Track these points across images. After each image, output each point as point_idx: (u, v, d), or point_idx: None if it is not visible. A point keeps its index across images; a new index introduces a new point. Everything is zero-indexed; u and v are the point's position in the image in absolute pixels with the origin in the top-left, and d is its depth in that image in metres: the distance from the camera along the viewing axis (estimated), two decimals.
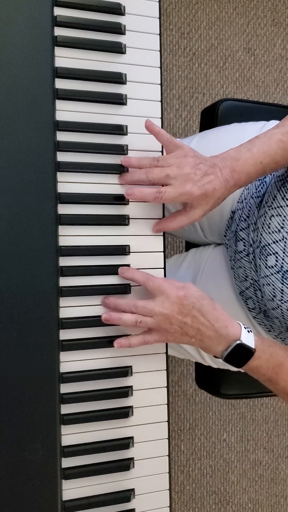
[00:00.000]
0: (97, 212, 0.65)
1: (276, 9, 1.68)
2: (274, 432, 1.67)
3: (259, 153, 0.65)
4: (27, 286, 0.60)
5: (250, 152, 0.65)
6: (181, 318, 0.63)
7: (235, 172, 0.65)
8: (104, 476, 0.64)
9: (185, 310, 0.63)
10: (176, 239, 1.58)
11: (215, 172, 0.64)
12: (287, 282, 0.69)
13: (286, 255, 0.69)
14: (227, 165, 0.65)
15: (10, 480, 0.59)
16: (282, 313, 0.72)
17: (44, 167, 0.61)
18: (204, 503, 1.60)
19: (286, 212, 0.69)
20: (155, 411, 0.67)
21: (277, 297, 0.71)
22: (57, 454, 0.61)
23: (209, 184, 0.64)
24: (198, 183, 0.63)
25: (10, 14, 0.60)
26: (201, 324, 0.63)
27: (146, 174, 0.63)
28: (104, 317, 0.63)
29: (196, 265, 0.92)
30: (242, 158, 0.65)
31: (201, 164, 0.64)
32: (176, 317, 0.63)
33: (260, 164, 0.66)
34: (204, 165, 0.64)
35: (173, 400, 1.57)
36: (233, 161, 0.65)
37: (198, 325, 0.63)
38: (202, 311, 0.63)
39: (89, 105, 0.64)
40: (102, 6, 0.65)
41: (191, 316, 0.63)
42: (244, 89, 1.66)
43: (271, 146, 0.66)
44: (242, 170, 0.65)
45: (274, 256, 0.70)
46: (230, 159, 0.65)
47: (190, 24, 1.60)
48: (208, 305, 0.64)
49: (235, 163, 0.65)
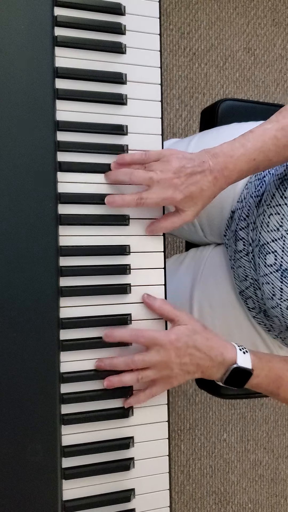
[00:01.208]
0: (97, 212, 0.65)
1: (276, 9, 1.68)
2: (274, 432, 1.67)
3: (253, 149, 0.64)
4: (27, 286, 0.60)
5: (244, 148, 0.64)
6: (179, 361, 0.63)
7: (227, 169, 0.64)
8: (104, 476, 0.64)
9: (181, 352, 0.63)
10: (176, 239, 1.58)
11: (203, 171, 0.63)
12: (286, 281, 0.69)
13: (285, 254, 0.69)
14: (219, 161, 0.63)
15: (10, 480, 0.59)
16: (282, 312, 0.72)
17: (44, 167, 0.61)
18: (204, 503, 1.60)
19: (284, 211, 0.69)
20: (155, 411, 0.67)
21: (276, 296, 0.71)
22: (57, 454, 0.61)
23: (195, 185, 0.63)
24: (180, 187, 0.62)
25: (10, 14, 0.60)
26: (199, 359, 0.64)
27: (130, 176, 0.63)
28: (106, 384, 0.63)
29: (196, 265, 0.92)
30: (236, 155, 0.64)
31: (186, 165, 0.63)
32: (174, 361, 0.63)
33: (253, 161, 0.64)
34: (191, 165, 0.63)
35: (173, 400, 1.57)
36: (226, 157, 0.64)
37: (196, 361, 0.64)
38: (196, 346, 0.63)
39: (89, 105, 0.64)
40: (102, 6, 0.65)
41: (188, 355, 0.63)
42: (244, 89, 1.66)
43: (265, 143, 0.64)
44: (235, 167, 0.64)
45: (273, 254, 0.70)
46: (222, 155, 0.64)
47: (190, 24, 1.60)
48: (200, 338, 0.64)
49: (228, 160, 0.64)
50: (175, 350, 0.63)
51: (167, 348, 0.62)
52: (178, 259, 0.98)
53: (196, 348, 0.63)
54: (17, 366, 0.59)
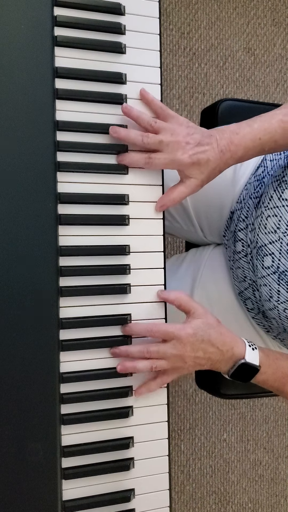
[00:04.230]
0: (97, 212, 0.65)
1: (276, 9, 1.68)
2: (274, 432, 1.67)
3: (259, 129, 0.66)
4: (27, 286, 0.60)
5: (250, 127, 0.66)
6: (193, 354, 0.64)
7: (233, 144, 0.65)
8: (104, 476, 0.64)
9: (195, 346, 0.63)
10: (176, 239, 1.58)
11: (211, 143, 0.64)
12: (283, 283, 0.69)
13: (282, 256, 0.69)
14: (225, 137, 0.65)
15: (10, 480, 0.59)
16: (279, 314, 0.72)
17: (44, 167, 0.61)
18: (204, 503, 1.60)
19: (282, 213, 0.69)
20: (155, 411, 0.67)
21: (273, 298, 0.71)
22: (57, 454, 0.61)
23: (203, 154, 0.64)
24: (189, 152, 0.63)
25: (10, 14, 0.60)
26: (211, 353, 0.64)
27: (142, 137, 0.64)
28: (119, 368, 0.63)
29: (196, 265, 0.92)
30: (242, 132, 0.65)
31: (195, 134, 0.64)
32: (189, 355, 0.63)
33: (258, 140, 0.66)
34: (200, 135, 0.64)
35: (173, 400, 1.57)
36: (232, 134, 0.65)
37: (208, 355, 0.64)
38: (211, 341, 0.64)
39: (89, 105, 0.64)
40: (102, 6, 0.65)
41: (201, 349, 0.64)
42: (244, 89, 1.66)
43: (272, 124, 0.66)
44: (240, 143, 0.65)
45: (271, 256, 0.70)
46: (229, 132, 0.65)
47: (190, 24, 1.60)
48: (215, 333, 0.65)
49: (234, 136, 0.65)
50: (191, 344, 0.63)
51: (184, 343, 0.63)
52: (178, 259, 0.98)
53: (210, 342, 0.64)
54: (17, 366, 0.59)
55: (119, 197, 0.65)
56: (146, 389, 0.65)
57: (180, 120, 0.66)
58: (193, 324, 0.64)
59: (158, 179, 0.68)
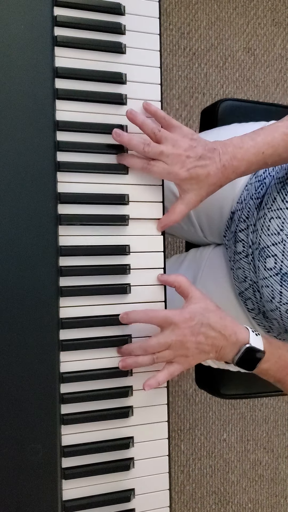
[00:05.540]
0: (97, 212, 0.65)
1: (276, 9, 1.68)
2: (274, 432, 1.67)
3: (262, 143, 0.65)
4: (27, 286, 0.60)
5: (254, 141, 0.65)
6: (194, 339, 0.63)
7: (235, 159, 0.65)
8: (104, 476, 0.64)
9: (195, 330, 0.63)
10: (176, 239, 1.58)
11: (213, 157, 0.64)
12: (285, 285, 0.69)
13: (285, 258, 0.69)
14: (228, 151, 0.65)
15: (10, 480, 0.59)
16: (281, 315, 0.72)
17: (44, 167, 0.61)
18: (204, 503, 1.60)
19: (285, 215, 0.69)
20: (155, 411, 0.67)
21: (275, 299, 0.71)
22: (57, 454, 0.61)
23: (202, 168, 0.63)
24: (188, 165, 0.63)
25: (10, 14, 0.60)
26: (213, 338, 0.64)
27: (143, 146, 0.63)
28: (121, 365, 0.63)
29: (196, 265, 0.92)
30: (245, 146, 0.65)
31: (198, 147, 0.64)
32: (190, 339, 0.63)
33: (262, 154, 0.65)
34: (202, 148, 0.64)
35: (173, 400, 1.57)
36: (235, 148, 0.65)
37: (211, 340, 0.64)
38: (210, 325, 0.63)
39: (89, 105, 0.64)
40: (102, 6, 0.65)
41: (202, 333, 0.63)
42: (244, 89, 1.66)
43: (275, 138, 0.66)
44: (243, 158, 0.65)
45: (273, 258, 0.70)
46: (232, 146, 0.65)
47: (190, 24, 1.60)
48: (214, 316, 0.64)
49: (237, 150, 0.65)
50: (189, 328, 0.63)
51: (182, 327, 0.62)
52: (178, 259, 0.98)
53: (210, 326, 0.63)
54: (17, 366, 0.59)
55: (119, 197, 0.65)
56: (155, 381, 0.64)
57: (185, 131, 0.65)
58: (189, 308, 0.64)
59: (158, 179, 0.68)
